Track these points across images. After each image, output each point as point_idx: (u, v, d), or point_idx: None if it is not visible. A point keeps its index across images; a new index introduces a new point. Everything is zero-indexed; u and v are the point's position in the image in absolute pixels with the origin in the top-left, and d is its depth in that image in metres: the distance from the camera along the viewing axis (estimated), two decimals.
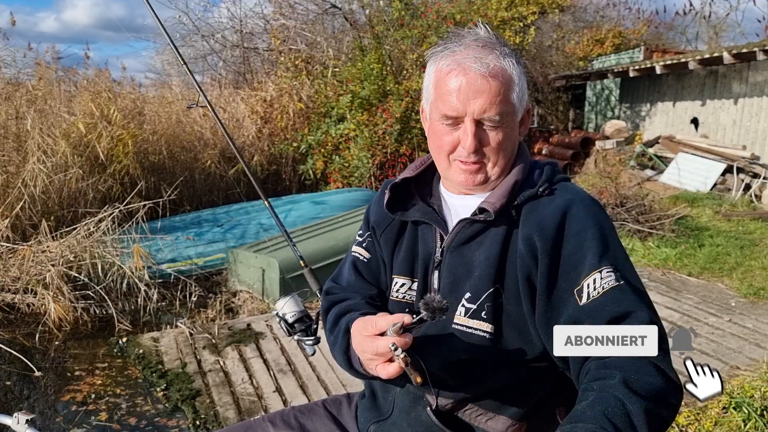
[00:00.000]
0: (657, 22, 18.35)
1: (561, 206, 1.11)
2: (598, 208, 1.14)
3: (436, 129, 1.17)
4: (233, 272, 4.93)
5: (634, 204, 6.69)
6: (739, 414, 2.80)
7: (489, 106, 1.10)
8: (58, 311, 4.06)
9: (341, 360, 1.20)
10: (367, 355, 1.03)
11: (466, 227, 1.16)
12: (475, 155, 1.13)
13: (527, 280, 1.09)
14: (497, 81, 1.11)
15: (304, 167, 8.75)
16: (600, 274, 1.02)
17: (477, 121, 1.11)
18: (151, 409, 3.11)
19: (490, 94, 1.10)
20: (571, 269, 1.05)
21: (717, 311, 4.38)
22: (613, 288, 1.01)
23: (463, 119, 1.12)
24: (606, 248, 1.06)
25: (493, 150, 1.14)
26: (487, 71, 1.10)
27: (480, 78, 1.10)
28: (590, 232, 1.08)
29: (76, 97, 7.34)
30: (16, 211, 4.87)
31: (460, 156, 1.14)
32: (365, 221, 1.38)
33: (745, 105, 9.48)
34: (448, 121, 1.13)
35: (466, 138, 1.11)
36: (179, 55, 2.95)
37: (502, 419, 1.17)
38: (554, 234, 1.08)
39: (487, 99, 1.10)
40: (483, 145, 1.13)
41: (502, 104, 1.11)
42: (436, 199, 1.26)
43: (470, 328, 1.13)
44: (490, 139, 1.13)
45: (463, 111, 1.11)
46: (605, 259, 1.04)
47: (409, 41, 9.22)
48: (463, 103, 1.11)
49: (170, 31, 3.09)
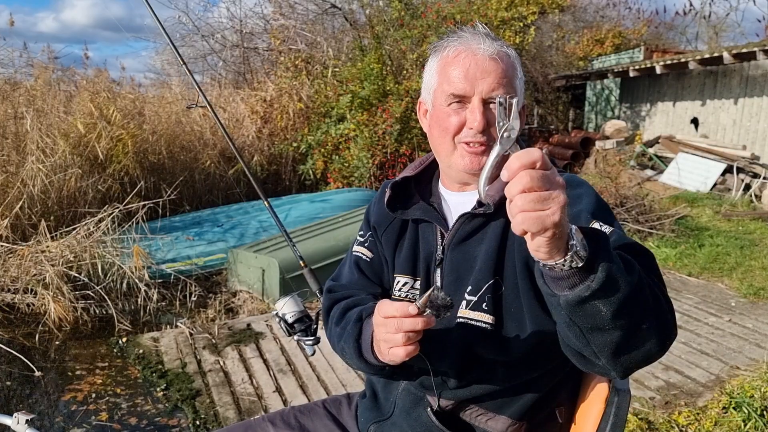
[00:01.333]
0: (657, 22, 18.39)
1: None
2: (591, 188, 1.15)
3: (440, 113, 1.17)
4: (233, 272, 4.93)
5: (634, 204, 6.69)
6: (739, 414, 2.80)
7: (497, 86, 1.12)
8: (58, 311, 4.05)
9: (351, 349, 1.16)
10: (390, 329, 0.99)
11: (466, 222, 1.17)
12: (482, 135, 1.13)
13: (526, 264, 1.09)
14: (504, 63, 1.13)
15: (304, 167, 8.75)
16: (597, 224, 1.02)
17: (484, 100, 1.12)
18: (151, 409, 3.11)
19: (498, 74, 1.12)
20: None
21: (717, 311, 4.38)
22: (616, 232, 1.01)
23: (471, 99, 1.13)
24: (600, 209, 1.07)
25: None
26: (495, 53, 1.13)
27: (488, 59, 1.12)
28: (585, 199, 1.09)
29: (75, 97, 7.34)
30: (15, 211, 4.87)
31: (466, 137, 1.14)
32: (366, 221, 1.39)
33: (745, 105, 9.48)
34: (455, 100, 1.14)
35: (474, 116, 1.12)
36: (179, 55, 2.95)
37: (502, 419, 1.17)
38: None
39: (495, 79, 1.12)
40: (489, 125, 1.13)
41: (509, 86, 1.13)
42: (436, 198, 1.27)
43: (472, 320, 1.13)
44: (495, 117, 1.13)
45: (471, 90, 1.12)
46: (599, 216, 1.05)
47: (409, 41, 9.22)
48: (471, 83, 1.12)
49: (170, 31, 3.09)
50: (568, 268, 0.80)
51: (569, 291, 0.82)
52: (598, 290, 0.81)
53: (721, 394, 3.03)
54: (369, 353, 1.13)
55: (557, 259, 0.80)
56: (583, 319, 0.85)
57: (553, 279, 0.84)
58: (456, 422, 1.19)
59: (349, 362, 1.22)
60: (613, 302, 0.82)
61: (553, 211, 0.75)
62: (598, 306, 0.82)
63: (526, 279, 1.08)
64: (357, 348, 1.16)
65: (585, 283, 0.81)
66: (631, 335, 0.86)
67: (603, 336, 0.87)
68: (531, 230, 0.77)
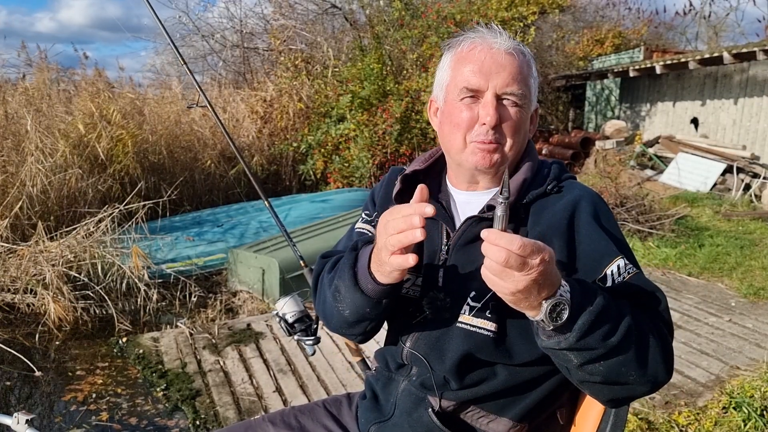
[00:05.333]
0: (657, 22, 18.36)
1: (570, 202, 1.12)
2: (604, 205, 1.15)
3: (452, 107, 1.15)
4: (233, 272, 4.93)
5: (634, 204, 6.69)
6: (739, 414, 2.80)
7: (511, 81, 1.10)
8: (58, 311, 4.05)
9: (346, 280, 1.10)
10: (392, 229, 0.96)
11: (473, 225, 1.15)
12: (494, 133, 1.11)
13: None
14: (520, 59, 1.12)
15: (304, 167, 8.75)
16: (622, 261, 1.05)
17: (498, 96, 1.10)
18: (151, 409, 3.11)
19: (513, 69, 1.10)
20: (590, 261, 1.06)
21: (717, 311, 4.38)
22: (637, 273, 1.05)
23: (484, 93, 1.10)
24: (618, 240, 1.09)
25: (511, 129, 1.12)
26: (511, 48, 1.11)
27: (504, 53, 1.11)
28: (603, 226, 1.09)
29: (74, 97, 7.33)
30: (15, 212, 4.86)
31: (477, 135, 1.12)
32: (371, 202, 1.35)
33: (745, 105, 9.48)
34: (469, 94, 1.11)
35: (486, 111, 1.09)
36: (179, 54, 2.94)
37: (503, 421, 1.17)
38: (566, 230, 1.09)
39: (510, 74, 1.10)
40: (502, 121, 1.11)
41: (523, 83, 1.11)
42: (444, 195, 1.25)
43: (474, 326, 1.12)
44: (511, 114, 1.11)
45: (485, 85, 1.10)
46: (622, 250, 1.07)
47: (409, 41, 9.22)
48: (485, 76, 1.10)
49: (170, 31, 3.09)
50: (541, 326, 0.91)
51: (545, 339, 0.93)
52: (569, 348, 0.91)
53: (721, 394, 3.03)
54: (366, 278, 1.06)
55: (530, 314, 0.91)
56: (558, 360, 0.96)
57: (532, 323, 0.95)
58: (457, 424, 1.18)
59: (340, 307, 1.13)
60: (584, 357, 0.92)
61: (506, 287, 0.86)
62: (568, 356, 0.93)
63: None
64: (353, 276, 1.09)
65: (556, 339, 0.91)
66: (606, 380, 0.95)
67: (579, 375, 0.96)
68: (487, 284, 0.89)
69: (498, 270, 0.85)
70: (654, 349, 0.95)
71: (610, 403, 1.02)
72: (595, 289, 0.93)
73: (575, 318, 0.88)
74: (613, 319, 0.91)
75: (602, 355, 0.91)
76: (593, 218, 1.09)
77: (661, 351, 0.96)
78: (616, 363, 0.92)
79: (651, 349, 0.95)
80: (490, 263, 0.86)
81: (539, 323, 0.90)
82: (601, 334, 0.90)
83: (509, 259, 0.83)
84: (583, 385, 0.99)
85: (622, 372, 0.93)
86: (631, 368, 0.93)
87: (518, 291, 0.85)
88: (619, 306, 0.94)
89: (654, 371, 0.95)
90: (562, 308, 0.88)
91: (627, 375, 0.94)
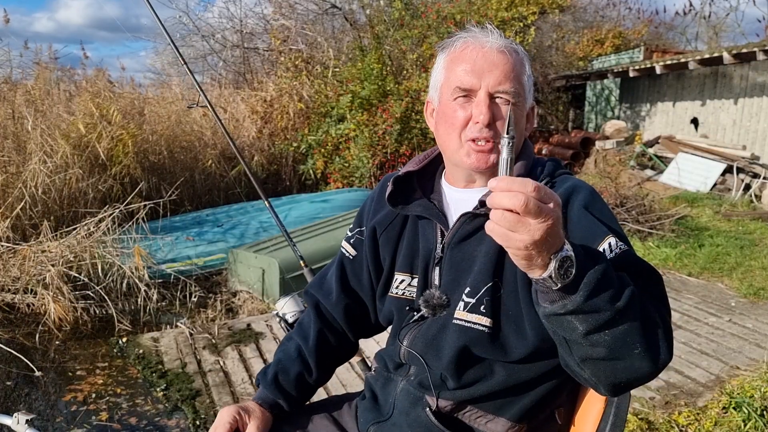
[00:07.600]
0: (657, 22, 18.37)
1: (562, 195, 1.11)
2: (597, 196, 1.15)
3: (447, 108, 1.16)
4: (233, 272, 4.93)
5: (634, 204, 6.69)
6: (739, 414, 2.80)
7: (504, 80, 1.10)
8: (58, 311, 4.05)
9: (263, 372, 1.40)
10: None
11: (467, 222, 1.15)
12: (488, 130, 1.11)
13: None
14: (512, 57, 1.12)
15: (305, 167, 8.75)
16: (613, 240, 1.02)
17: (491, 94, 1.11)
18: (151, 409, 3.11)
19: (505, 68, 1.11)
20: (582, 241, 1.05)
21: (717, 311, 4.38)
22: (626, 251, 1.02)
23: (477, 92, 1.11)
24: (611, 222, 1.08)
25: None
26: (503, 46, 1.12)
27: (496, 52, 1.11)
28: (595, 211, 1.09)
29: (75, 97, 7.34)
30: (16, 212, 4.87)
31: (472, 133, 1.12)
32: (358, 218, 1.38)
33: (745, 105, 9.48)
34: (462, 94, 1.12)
35: (479, 110, 1.10)
36: (179, 54, 2.95)
37: (501, 421, 1.17)
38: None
39: (502, 72, 1.10)
40: (496, 119, 1.11)
41: (516, 81, 1.12)
42: (437, 195, 1.25)
43: (469, 322, 1.12)
44: (504, 113, 1.11)
45: (478, 84, 1.11)
46: (612, 231, 1.05)
47: (409, 41, 9.22)
48: (478, 75, 1.11)
49: (170, 31, 3.09)
50: (546, 286, 0.84)
51: (549, 305, 0.86)
52: (573, 311, 0.84)
53: (721, 394, 3.03)
54: (258, 380, 1.39)
55: (536, 274, 0.84)
56: (561, 331, 0.89)
57: (536, 290, 0.88)
58: (455, 424, 1.18)
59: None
60: (590, 322, 0.85)
61: (522, 240, 0.78)
62: (573, 323, 0.86)
63: (526, 282, 1.07)
64: (263, 373, 1.38)
65: (562, 302, 0.84)
66: (610, 353, 0.88)
67: (582, 349, 0.90)
68: (498, 241, 0.82)
69: (513, 221, 0.77)
70: (655, 323, 0.91)
71: (611, 389, 0.94)
72: (596, 251, 0.90)
73: (581, 275, 0.83)
74: (617, 283, 0.87)
75: (608, 321, 0.85)
76: (584, 207, 1.09)
77: (662, 325, 0.92)
78: (622, 332, 0.86)
79: (653, 321, 0.91)
80: (502, 216, 0.78)
81: (545, 282, 0.83)
82: (608, 296, 0.84)
83: (528, 203, 0.75)
84: (585, 364, 0.92)
85: (627, 343, 0.87)
86: (636, 339, 0.88)
87: (534, 242, 0.78)
88: (620, 274, 0.90)
89: (656, 346, 0.90)
90: (569, 264, 0.82)
91: (632, 347, 0.88)
